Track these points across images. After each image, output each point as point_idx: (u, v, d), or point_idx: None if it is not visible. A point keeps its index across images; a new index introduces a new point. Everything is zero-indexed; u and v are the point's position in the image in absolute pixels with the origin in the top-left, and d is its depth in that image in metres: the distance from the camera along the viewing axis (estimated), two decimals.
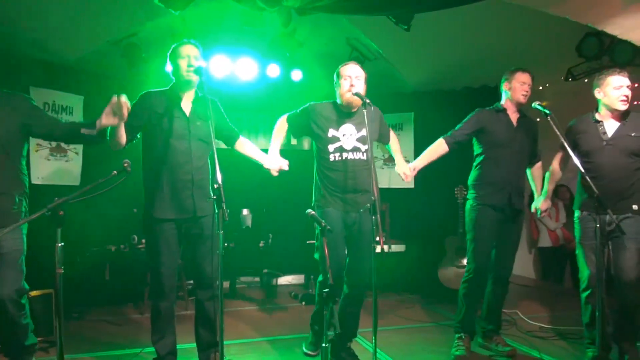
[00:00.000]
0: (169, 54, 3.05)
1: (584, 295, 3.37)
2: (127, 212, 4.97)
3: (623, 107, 3.26)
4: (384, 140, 3.56)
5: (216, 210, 2.50)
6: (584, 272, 3.36)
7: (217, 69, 5.09)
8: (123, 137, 2.85)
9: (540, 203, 3.67)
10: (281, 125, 3.46)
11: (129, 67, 4.79)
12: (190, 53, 2.98)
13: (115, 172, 2.65)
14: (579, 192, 3.45)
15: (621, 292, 3.25)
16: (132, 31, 4.59)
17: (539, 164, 3.78)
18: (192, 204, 2.99)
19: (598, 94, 3.36)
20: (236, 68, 5.20)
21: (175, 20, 4.28)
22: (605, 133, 3.33)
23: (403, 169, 3.50)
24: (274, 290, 5.86)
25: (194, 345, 3.21)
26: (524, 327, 4.27)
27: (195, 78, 2.95)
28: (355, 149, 3.23)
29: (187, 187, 2.98)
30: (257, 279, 6.10)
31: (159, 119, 2.96)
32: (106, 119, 2.68)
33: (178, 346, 3.14)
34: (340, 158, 3.22)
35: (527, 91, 3.52)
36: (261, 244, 5.76)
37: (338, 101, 3.31)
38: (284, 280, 6.17)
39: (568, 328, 4.10)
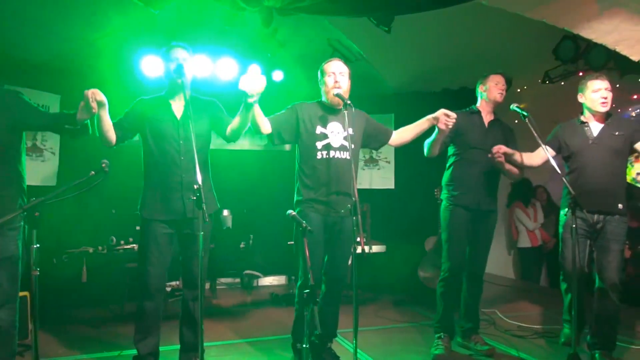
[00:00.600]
0: (161, 54, 3.08)
1: (564, 287, 3.56)
2: (106, 213, 4.90)
3: (602, 108, 3.36)
4: (381, 140, 3.47)
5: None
6: (565, 267, 3.49)
7: (197, 69, 5.04)
8: (109, 132, 2.88)
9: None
10: (265, 119, 3.18)
11: (107, 65, 4.73)
12: (179, 56, 3.00)
13: (93, 172, 2.61)
14: (565, 192, 3.55)
15: (602, 292, 3.33)
16: (109, 29, 4.52)
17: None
18: (182, 205, 2.99)
19: (580, 98, 3.48)
20: (217, 68, 5.17)
21: (154, 19, 4.23)
22: (591, 133, 3.43)
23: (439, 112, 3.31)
24: (254, 292, 5.84)
25: (175, 347, 3.18)
26: (503, 326, 4.32)
27: (179, 80, 2.95)
28: (342, 148, 3.22)
29: (177, 189, 2.99)
30: (237, 280, 6.06)
31: (152, 124, 3.01)
32: (80, 114, 2.69)
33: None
34: (327, 156, 3.20)
35: (502, 89, 3.63)
36: (242, 245, 5.72)
37: (323, 99, 3.31)
38: (265, 281, 6.14)
39: (545, 327, 4.17)
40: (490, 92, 3.63)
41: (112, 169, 2.93)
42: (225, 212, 5.79)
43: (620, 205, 3.33)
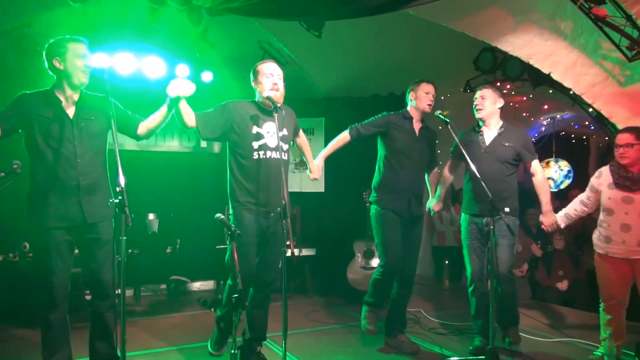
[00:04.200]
0: (53, 49, 2.80)
1: (469, 290, 3.75)
2: (17, 218, 4.55)
3: (476, 114, 3.70)
4: (294, 137, 3.56)
5: (117, 214, 2.38)
6: (468, 270, 3.74)
7: (121, 66, 4.84)
8: None
9: (433, 204, 3.97)
10: (191, 113, 3.12)
11: (21, 60, 4.44)
12: (85, 52, 2.82)
13: (2, 174, 2.44)
14: (465, 196, 3.81)
15: (498, 283, 3.59)
16: (25, 21, 4.25)
17: (435, 170, 4.04)
18: (79, 210, 2.80)
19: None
20: (143, 66, 4.99)
21: (74, 13, 4.02)
22: (484, 142, 3.67)
23: (314, 175, 3.61)
24: (182, 298, 5.67)
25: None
26: (427, 324, 4.48)
27: (87, 78, 2.82)
28: (278, 148, 3.19)
29: (73, 194, 2.79)
30: (163, 286, 5.86)
31: (39, 124, 2.76)
32: None
33: None
34: (264, 156, 3.17)
35: (431, 100, 3.74)
36: (168, 250, 5.56)
37: (257, 99, 3.27)
38: (193, 286, 5.99)
39: (466, 323, 4.36)
40: (419, 101, 3.72)
41: (25, 171, 2.76)
42: (151, 216, 5.61)
43: (506, 209, 3.60)
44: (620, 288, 3.40)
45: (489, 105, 3.65)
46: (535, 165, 3.70)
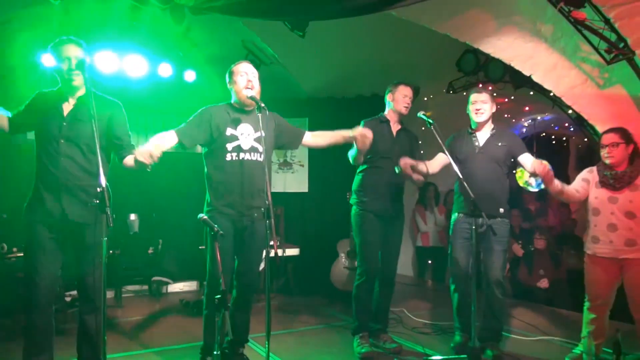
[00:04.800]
0: (50, 50, 2.85)
1: (452, 287, 3.76)
2: None
3: (477, 119, 3.66)
4: (294, 141, 3.44)
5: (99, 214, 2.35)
6: (454, 269, 3.74)
7: (103, 65, 4.79)
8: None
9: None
10: (169, 137, 3.10)
11: (2, 56, 4.36)
12: (71, 54, 2.79)
13: None
14: (456, 196, 3.81)
15: (488, 289, 3.63)
16: (4, 18, 4.17)
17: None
18: (58, 207, 2.79)
19: (468, 110, 3.74)
20: (124, 65, 4.93)
21: (55, 11, 3.96)
22: (478, 143, 3.69)
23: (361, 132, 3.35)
24: (163, 299, 5.62)
25: None
26: (410, 324, 4.51)
27: (79, 80, 2.81)
28: (253, 149, 3.17)
29: (54, 190, 2.79)
30: (145, 287, 5.80)
31: (41, 122, 2.84)
32: None
33: None
34: (237, 158, 3.13)
35: (408, 103, 3.78)
36: (150, 251, 5.50)
37: (233, 100, 3.25)
38: (175, 287, 5.93)
39: (448, 323, 4.40)
40: (397, 103, 3.76)
41: (3, 170, 2.71)
42: (132, 217, 5.54)
43: (501, 210, 3.63)
44: (606, 289, 3.41)
45: (489, 109, 3.65)
46: (527, 155, 3.67)
